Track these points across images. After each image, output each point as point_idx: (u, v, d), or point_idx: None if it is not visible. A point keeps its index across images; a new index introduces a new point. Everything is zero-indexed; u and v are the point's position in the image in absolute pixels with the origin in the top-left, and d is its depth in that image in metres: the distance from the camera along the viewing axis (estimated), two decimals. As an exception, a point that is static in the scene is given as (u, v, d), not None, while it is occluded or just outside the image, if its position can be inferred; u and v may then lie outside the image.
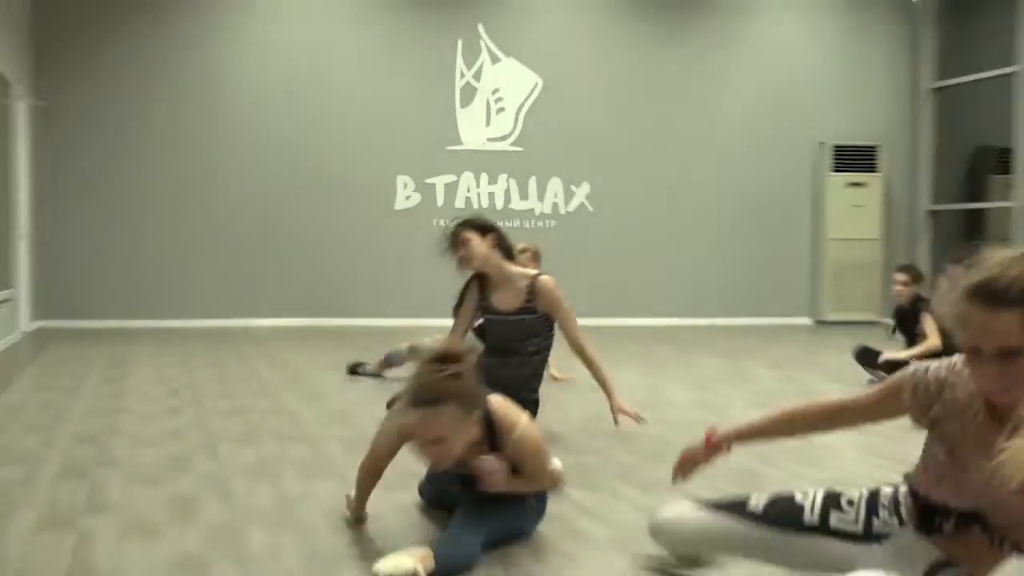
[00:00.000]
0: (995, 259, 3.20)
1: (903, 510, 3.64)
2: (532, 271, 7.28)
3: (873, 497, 3.74)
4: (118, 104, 15.60)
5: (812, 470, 6.10)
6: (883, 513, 3.69)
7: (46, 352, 12.04)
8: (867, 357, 8.23)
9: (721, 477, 5.34)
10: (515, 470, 4.72)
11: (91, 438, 6.63)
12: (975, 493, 3.33)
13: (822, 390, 9.57)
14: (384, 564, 4.00)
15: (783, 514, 3.86)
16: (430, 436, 4.43)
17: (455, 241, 7.22)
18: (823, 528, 3.78)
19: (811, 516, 3.80)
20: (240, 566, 4.12)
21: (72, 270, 15.48)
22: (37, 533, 4.23)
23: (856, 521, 3.66)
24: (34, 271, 15.15)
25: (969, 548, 3.41)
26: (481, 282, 7.26)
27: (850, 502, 3.79)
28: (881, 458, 6.46)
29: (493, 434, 4.67)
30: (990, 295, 3.09)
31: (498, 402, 4.72)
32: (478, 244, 7.09)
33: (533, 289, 6.95)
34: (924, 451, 3.58)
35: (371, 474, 4.94)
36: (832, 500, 3.77)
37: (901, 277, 10.05)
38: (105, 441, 6.55)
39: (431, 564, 4.09)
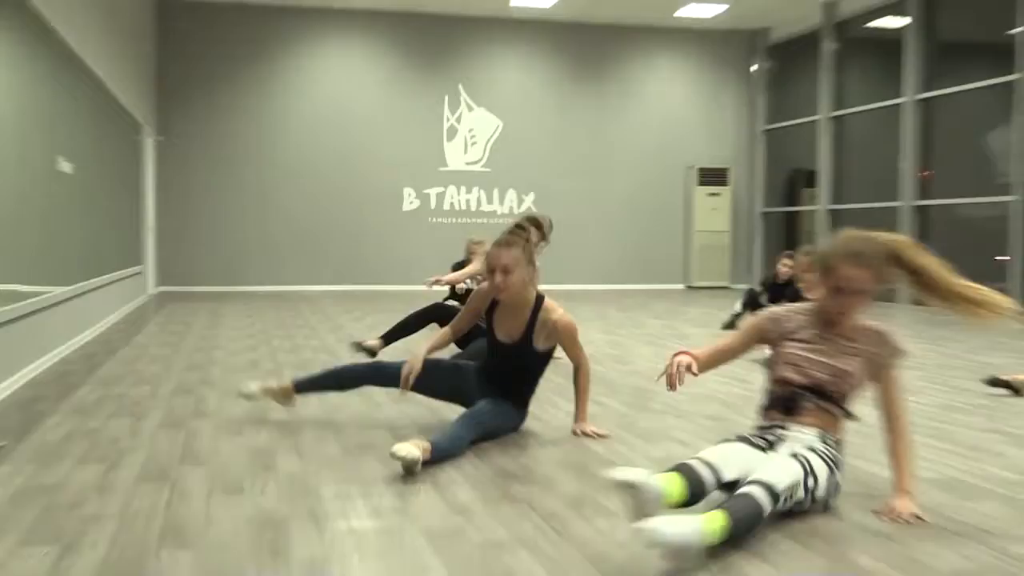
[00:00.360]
0: (852, 236, 3.58)
1: (768, 413, 3.66)
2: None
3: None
4: (216, 137, 15.76)
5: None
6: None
7: (165, 308, 12.07)
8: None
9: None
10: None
11: (188, 388, 5.99)
12: (821, 370, 3.53)
13: (690, 332, 9.71)
14: (398, 448, 3.84)
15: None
16: (504, 262, 4.50)
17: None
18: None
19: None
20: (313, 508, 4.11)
21: (182, 251, 15.65)
22: (135, 485, 3.65)
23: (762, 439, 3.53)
24: (157, 252, 15.28)
25: (817, 416, 3.51)
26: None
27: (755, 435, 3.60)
28: None
29: (537, 311, 4.63)
30: (855, 257, 3.45)
31: (549, 299, 4.69)
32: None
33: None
34: (775, 361, 3.70)
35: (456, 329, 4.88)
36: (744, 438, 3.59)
37: (788, 261, 9.38)
38: (200, 391, 5.92)
39: (429, 453, 3.93)
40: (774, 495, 3.16)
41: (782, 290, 8.85)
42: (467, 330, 5.09)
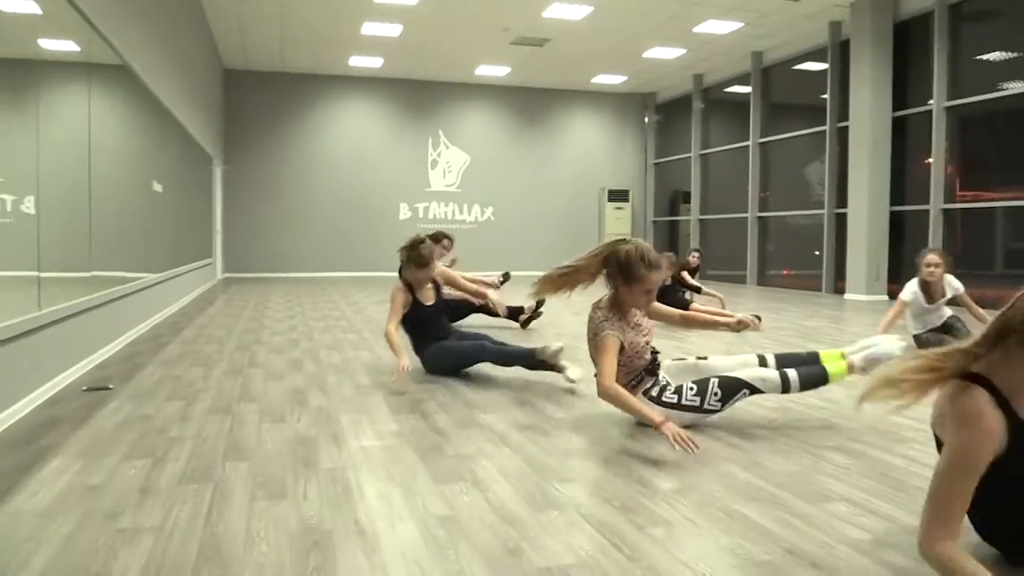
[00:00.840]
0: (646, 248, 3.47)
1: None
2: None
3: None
4: (264, 166, 15.62)
5: None
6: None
7: (229, 289, 11.96)
8: None
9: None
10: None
11: (245, 346, 5.95)
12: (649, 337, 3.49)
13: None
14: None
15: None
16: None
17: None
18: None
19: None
20: (335, 441, 3.89)
21: (241, 247, 15.51)
22: (207, 415, 3.64)
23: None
24: (224, 248, 15.12)
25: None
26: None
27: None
28: None
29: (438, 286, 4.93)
30: (653, 266, 3.40)
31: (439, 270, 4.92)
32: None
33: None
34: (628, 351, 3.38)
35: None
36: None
37: (696, 254, 9.11)
38: (253, 348, 5.89)
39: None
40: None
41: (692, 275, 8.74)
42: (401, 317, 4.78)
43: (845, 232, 11.50)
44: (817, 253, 12.50)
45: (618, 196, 17.72)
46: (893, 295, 11.07)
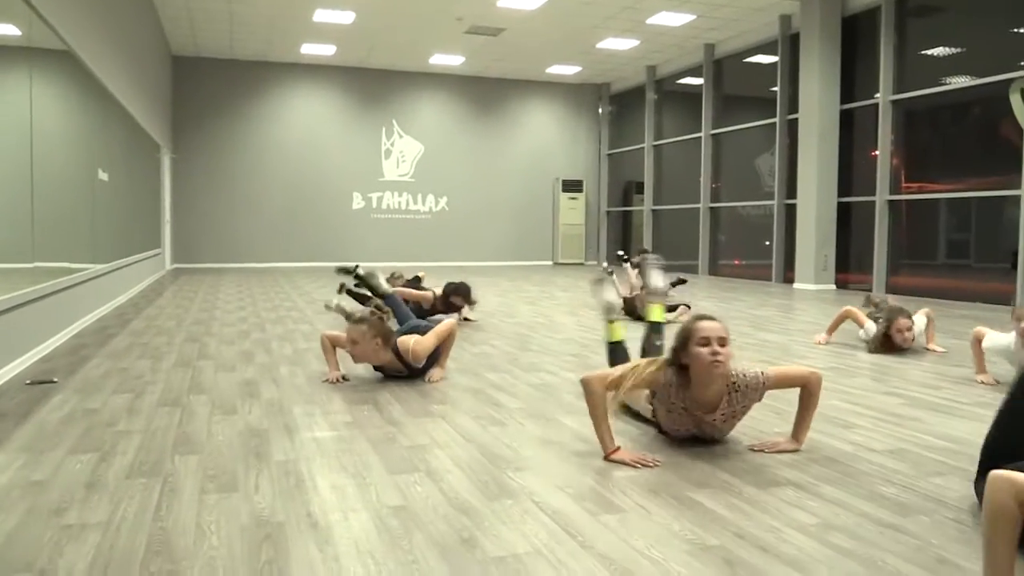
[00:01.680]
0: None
1: None
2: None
3: None
4: (215, 154, 15.35)
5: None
6: None
7: (178, 280, 11.72)
8: None
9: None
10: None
11: (195, 338, 5.88)
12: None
13: (559, 295, 9.54)
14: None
15: None
16: (350, 338, 4.09)
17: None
18: None
19: None
20: (287, 430, 4.06)
21: (191, 237, 15.22)
22: (156, 408, 3.57)
23: None
24: (173, 238, 14.84)
25: None
26: None
27: None
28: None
29: (402, 356, 4.15)
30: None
31: (402, 340, 4.15)
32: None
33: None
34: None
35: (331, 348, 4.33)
36: None
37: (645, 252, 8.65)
38: (203, 340, 5.80)
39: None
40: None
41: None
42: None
43: (794, 223, 11.70)
44: (767, 243, 12.69)
45: (572, 186, 17.77)
46: (841, 285, 11.31)
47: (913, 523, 2.27)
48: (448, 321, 4.53)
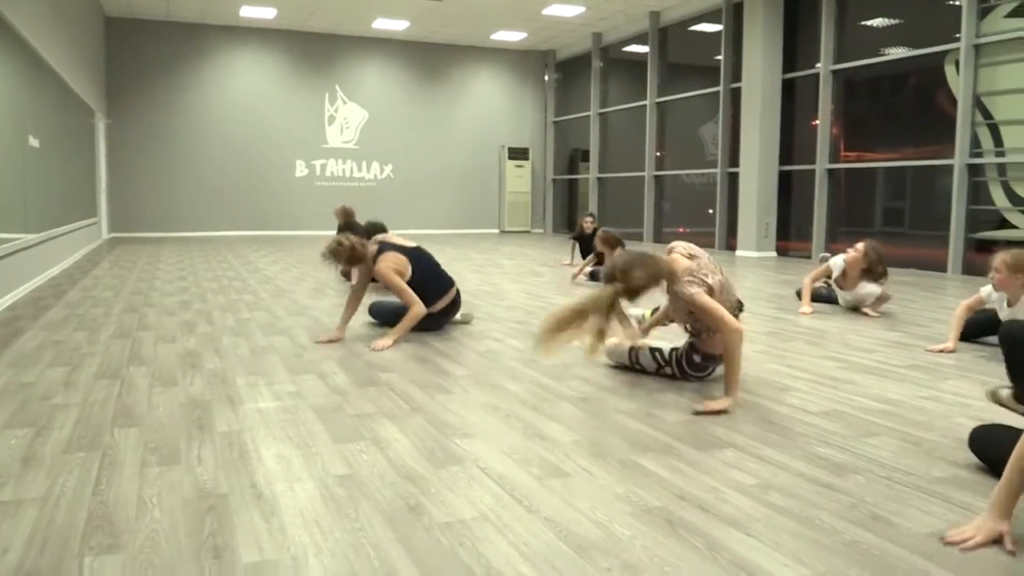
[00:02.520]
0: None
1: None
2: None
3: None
4: (154, 121, 14.91)
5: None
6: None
7: (115, 250, 11.43)
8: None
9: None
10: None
11: (134, 308, 5.74)
12: None
13: (503, 262, 9.53)
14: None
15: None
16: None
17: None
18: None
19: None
20: (231, 403, 3.99)
21: (129, 205, 14.79)
22: (94, 381, 3.49)
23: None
24: (109, 206, 14.40)
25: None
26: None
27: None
28: None
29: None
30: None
31: (382, 258, 4.57)
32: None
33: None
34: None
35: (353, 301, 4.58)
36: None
37: (589, 219, 8.91)
38: (143, 311, 5.68)
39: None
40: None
41: (588, 240, 8.52)
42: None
43: (737, 191, 11.86)
44: (711, 211, 12.85)
45: (518, 154, 17.71)
46: (782, 252, 11.53)
47: (848, 482, 2.34)
48: (419, 305, 4.57)
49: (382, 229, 6.98)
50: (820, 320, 5.46)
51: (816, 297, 6.16)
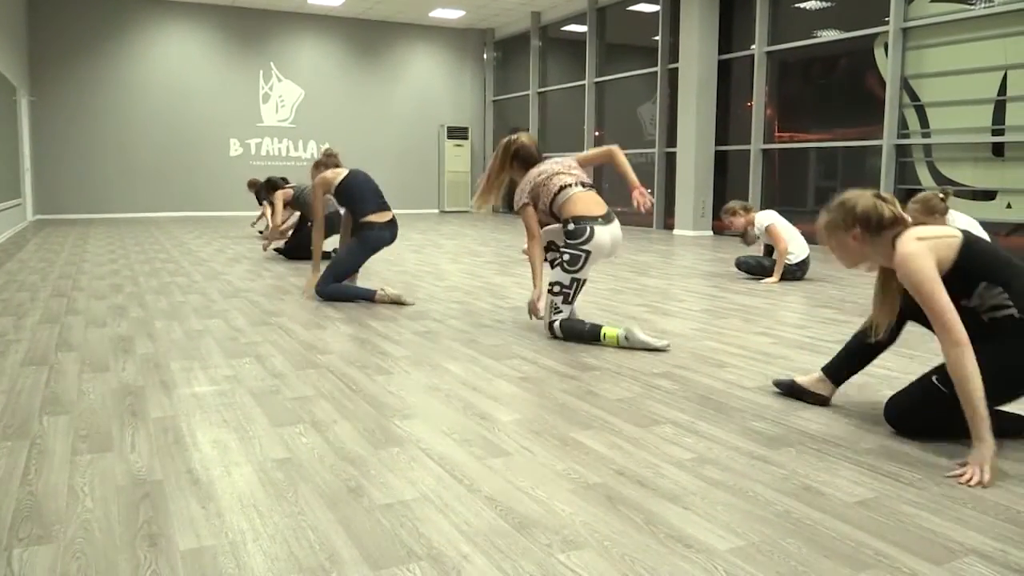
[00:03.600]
0: None
1: None
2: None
3: None
4: (80, 97, 14.38)
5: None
6: None
7: (41, 232, 11.06)
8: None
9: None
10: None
11: (62, 293, 5.61)
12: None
13: (443, 243, 9.41)
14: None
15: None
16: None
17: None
18: None
19: None
20: (164, 388, 3.99)
21: (57, 186, 14.28)
22: (20, 368, 3.40)
23: None
24: (34, 187, 13.90)
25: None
26: None
27: None
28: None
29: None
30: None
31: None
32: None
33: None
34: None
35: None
36: None
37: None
38: (71, 295, 5.55)
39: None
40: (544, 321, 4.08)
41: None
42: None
43: (675, 170, 12.00)
44: (648, 191, 12.98)
45: (458, 133, 17.59)
46: (718, 231, 11.72)
47: (781, 454, 2.41)
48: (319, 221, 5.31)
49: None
50: (754, 297, 5.58)
51: (747, 268, 6.46)
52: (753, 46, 10.96)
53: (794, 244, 6.33)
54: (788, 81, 11.08)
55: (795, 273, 6.33)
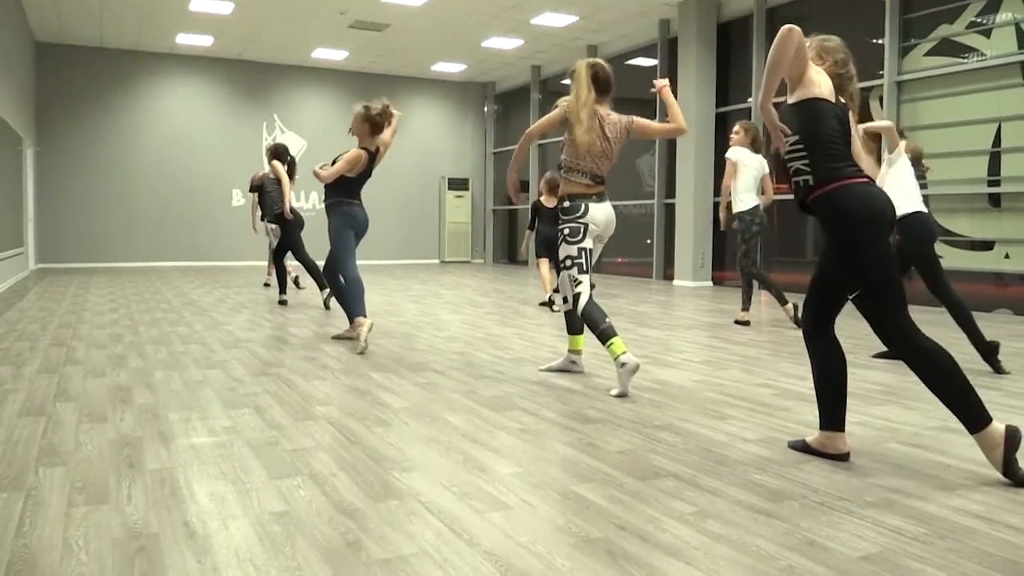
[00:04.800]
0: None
1: None
2: None
3: None
4: (85, 148, 14.58)
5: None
6: None
7: (43, 280, 11.08)
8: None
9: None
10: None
11: (62, 342, 5.63)
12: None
13: (444, 292, 9.44)
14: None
15: None
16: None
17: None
18: None
19: None
20: (163, 440, 3.93)
21: (60, 235, 14.38)
22: (17, 418, 3.38)
23: None
24: (37, 236, 13.99)
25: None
26: None
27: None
28: None
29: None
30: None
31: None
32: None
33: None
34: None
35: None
36: None
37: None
38: (71, 344, 5.58)
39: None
40: (568, 300, 4.18)
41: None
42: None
43: (674, 221, 12.07)
44: (648, 242, 13.04)
45: (458, 185, 17.76)
46: (718, 281, 11.75)
47: (783, 508, 2.38)
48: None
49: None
50: (754, 348, 5.57)
51: (751, 276, 6.85)
52: (750, 99, 11.11)
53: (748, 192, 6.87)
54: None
55: (749, 223, 6.75)
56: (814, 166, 2.75)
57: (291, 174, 8.60)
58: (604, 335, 3.98)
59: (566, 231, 4.18)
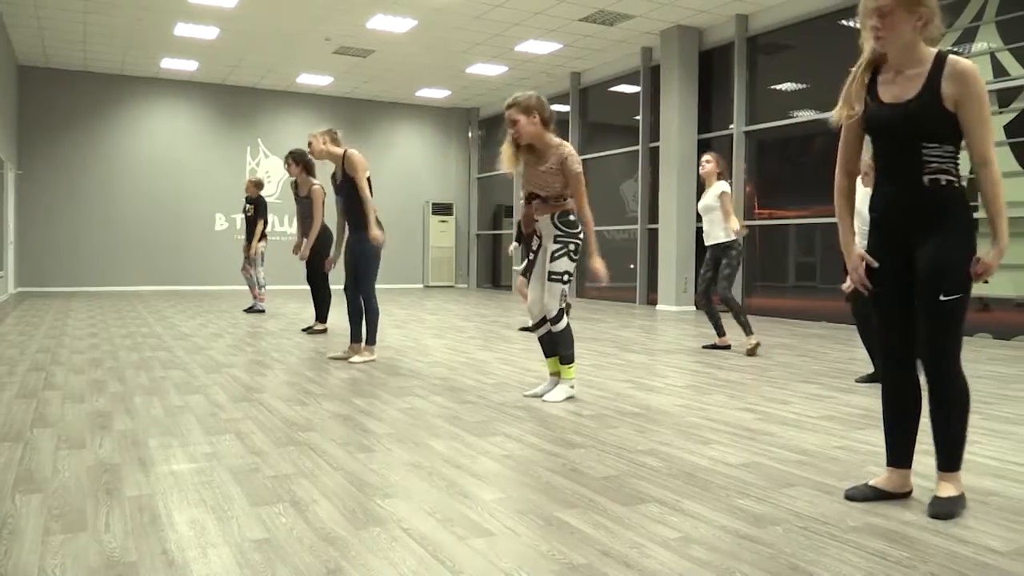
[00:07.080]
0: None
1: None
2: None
3: None
4: (66, 171, 14.53)
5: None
6: None
7: (22, 304, 11.00)
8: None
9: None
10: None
11: (40, 367, 5.58)
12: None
13: (427, 317, 9.48)
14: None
15: None
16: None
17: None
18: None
19: None
20: (143, 466, 3.92)
21: (40, 259, 14.31)
22: None
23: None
24: (17, 260, 13.90)
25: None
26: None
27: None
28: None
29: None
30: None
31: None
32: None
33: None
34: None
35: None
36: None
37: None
38: (50, 369, 5.54)
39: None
40: (555, 319, 4.32)
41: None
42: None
43: (657, 246, 12.13)
44: (632, 266, 13.09)
45: (442, 209, 17.82)
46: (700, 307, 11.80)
47: (767, 533, 2.38)
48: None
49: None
50: (737, 372, 5.58)
51: (727, 302, 6.71)
52: (732, 126, 11.23)
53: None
54: (767, 159, 11.32)
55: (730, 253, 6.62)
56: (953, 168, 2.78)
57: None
58: (571, 357, 4.40)
59: (571, 247, 4.37)
